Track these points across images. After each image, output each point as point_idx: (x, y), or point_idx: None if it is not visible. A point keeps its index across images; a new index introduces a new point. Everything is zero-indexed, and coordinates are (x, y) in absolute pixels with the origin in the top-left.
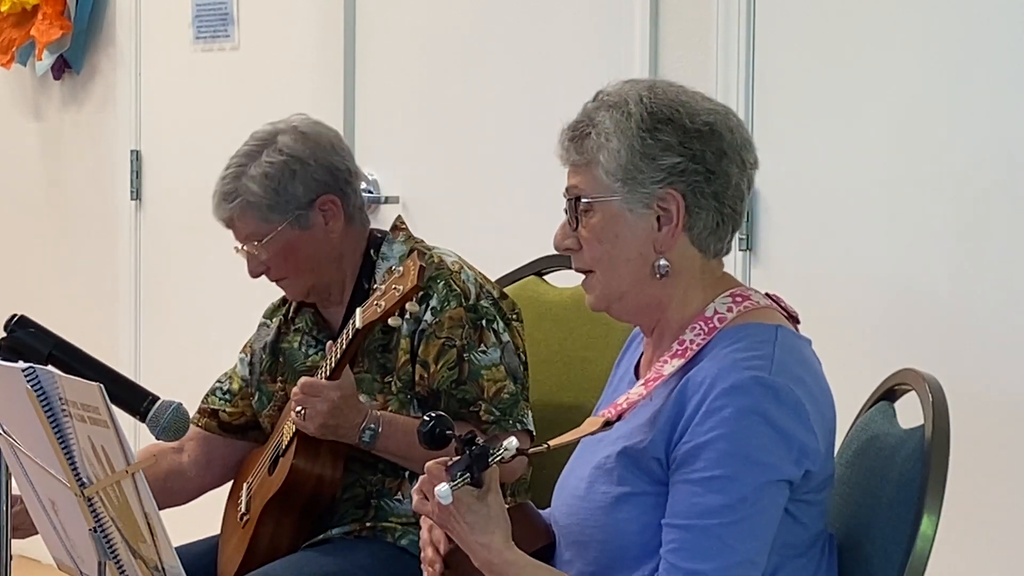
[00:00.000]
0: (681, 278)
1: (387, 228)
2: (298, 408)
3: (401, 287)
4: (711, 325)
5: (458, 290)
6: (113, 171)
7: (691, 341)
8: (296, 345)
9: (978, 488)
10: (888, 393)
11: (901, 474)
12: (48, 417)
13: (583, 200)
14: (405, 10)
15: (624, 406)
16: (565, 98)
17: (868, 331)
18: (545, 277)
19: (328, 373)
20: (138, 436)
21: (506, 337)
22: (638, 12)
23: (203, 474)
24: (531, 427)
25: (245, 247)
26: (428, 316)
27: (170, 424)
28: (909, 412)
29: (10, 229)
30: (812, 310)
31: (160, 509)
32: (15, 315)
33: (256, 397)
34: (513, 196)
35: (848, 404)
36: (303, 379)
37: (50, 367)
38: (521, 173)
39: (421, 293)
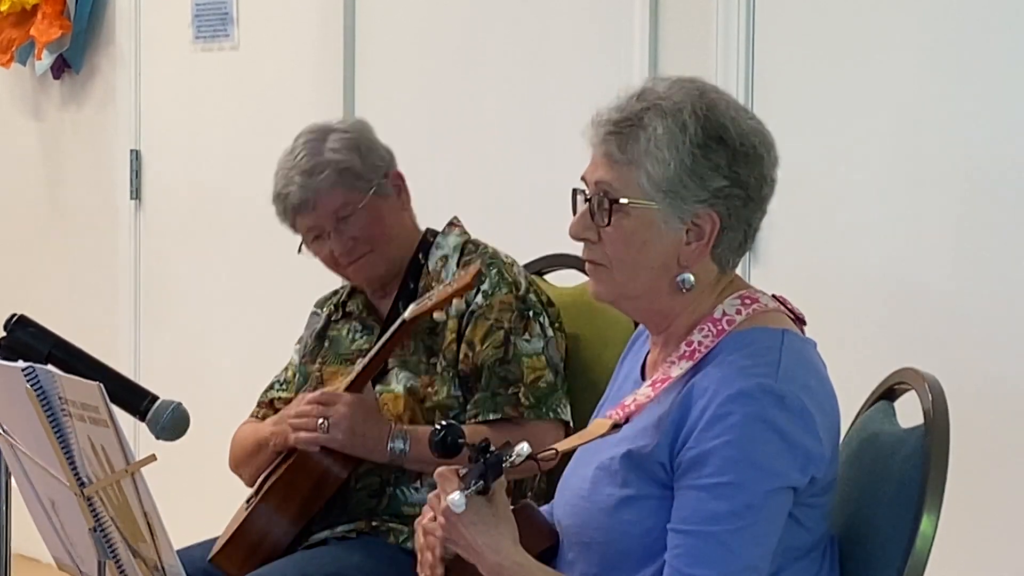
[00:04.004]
0: (696, 291)
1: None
2: (320, 422)
3: (455, 285)
4: (719, 327)
5: (510, 279)
6: (113, 171)
7: (699, 343)
8: (344, 332)
9: (978, 488)
10: (888, 392)
11: (901, 474)
12: (48, 417)
13: (620, 200)
14: (405, 10)
15: (632, 408)
16: (565, 98)
17: (868, 331)
18: (545, 277)
19: (367, 361)
20: (138, 436)
21: (550, 332)
22: (638, 12)
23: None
24: (566, 417)
25: (329, 230)
26: (479, 299)
27: (170, 424)
28: (909, 412)
29: (10, 229)
30: (812, 309)
31: None
32: (15, 315)
33: (297, 379)
34: (513, 196)
35: (848, 404)
36: (317, 392)
37: (50, 367)
38: (521, 173)
39: None
